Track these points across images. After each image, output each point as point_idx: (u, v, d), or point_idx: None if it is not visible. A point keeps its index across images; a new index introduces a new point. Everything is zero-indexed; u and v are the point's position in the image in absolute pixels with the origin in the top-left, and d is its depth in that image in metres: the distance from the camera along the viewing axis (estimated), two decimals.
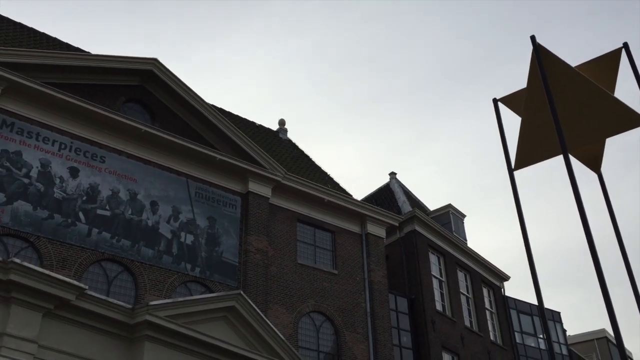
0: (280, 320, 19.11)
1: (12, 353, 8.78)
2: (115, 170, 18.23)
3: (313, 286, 20.73)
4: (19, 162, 16.57)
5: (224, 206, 20.07)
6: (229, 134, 20.56)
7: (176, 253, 18.31)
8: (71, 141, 17.73)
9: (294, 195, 21.76)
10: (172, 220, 18.72)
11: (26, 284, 9.06)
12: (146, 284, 17.24)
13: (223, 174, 20.37)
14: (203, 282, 18.41)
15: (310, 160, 26.09)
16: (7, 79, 16.68)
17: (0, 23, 20.28)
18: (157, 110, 20.15)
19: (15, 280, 8.96)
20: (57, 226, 16.46)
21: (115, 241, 17.30)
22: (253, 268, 19.31)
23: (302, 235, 21.67)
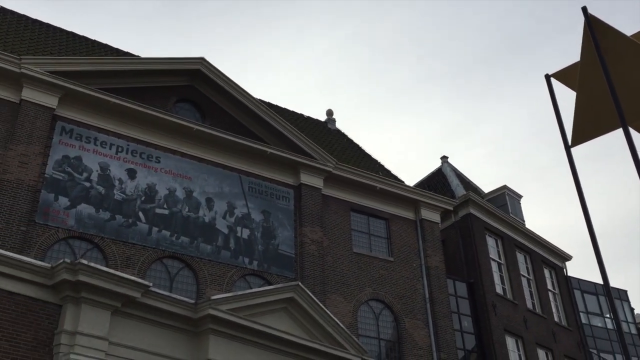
0: (339, 309, 19.23)
1: (85, 351, 9.17)
2: (170, 170, 18.68)
3: (370, 274, 20.76)
4: (79, 166, 17.19)
5: (277, 199, 20.29)
6: (278, 127, 20.73)
7: (234, 248, 18.66)
8: (127, 144, 18.27)
9: (346, 184, 21.78)
10: (228, 216, 19.07)
11: (94, 283, 9.42)
12: (206, 279, 17.65)
13: (275, 167, 20.58)
14: (261, 274, 18.71)
15: (360, 149, 26.04)
16: (64, 87, 17.31)
17: (54, 34, 21.02)
18: (207, 108, 20.51)
19: (84, 280, 9.33)
20: (119, 227, 17.02)
21: (174, 239, 17.76)
22: (309, 259, 19.48)
23: (356, 224, 21.70)
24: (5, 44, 18.18)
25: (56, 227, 16.08)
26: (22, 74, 16.78)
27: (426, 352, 20.34)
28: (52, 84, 17.13)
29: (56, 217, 16.20)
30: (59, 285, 9.38)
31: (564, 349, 25.60)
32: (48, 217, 16.09)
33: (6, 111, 16.70)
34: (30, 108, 16.83)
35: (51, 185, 16.47)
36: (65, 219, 16.30)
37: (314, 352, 12.01)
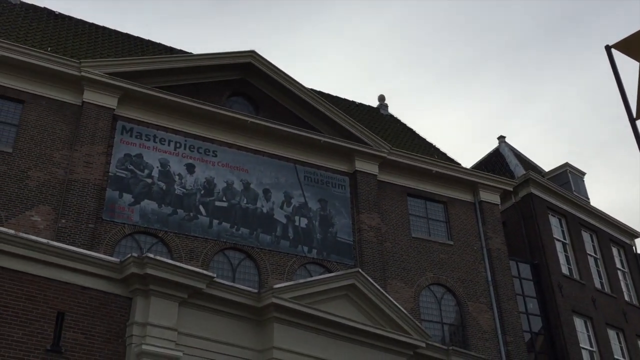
0: (400, 295, 19.20)
1: (156, 341, 9.50)
2: (227, 163, 19.03)
3: (430, 259, 20.60)
4: (141, 164, 17.74)
5: (333, 187, 20.37)
6: (331, 116, 20.76)
7: (292, 237, 18.87)
8: (185, 139, 18.71)
9: (402, 169, 21.64)
10: (285, 206, 19.29)
11: (162, 276, 9.73)
12: (267, 268, 17.95)
13: (329, 155, 20.65)
14: (321, 262, 18.87)
15: (414, 133, 25.78)
16: (123, 88, 17.86)
17: (110, 36, 21.68)
18: (259, 100, 20.74)
19: (152, 273, 9.65)
20: (181, 220, 17.50)
21: (235, 230, 18.12)
22: (368, 245, 19.49)
23: (414, 208, 21.54)
24: (65, 49, 18.87)
25: (122, 223, 16.68)
26: (83, 77, 17.40)
27: (491, 336, 20.07)
28: (111, 85, 17.70)
29: (122, 214, 16.79)
30: (128, 278, 9.73)
31: (636, 328, 24.73)
32: (114, 213, 16.70)
33: (70, 114, 17.37)
34: (91, 110, 17.45)
35: (115, 183, 17.07)
36: (130, 215, 16.87)
37: (377, 337, 12.05)
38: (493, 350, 19.78)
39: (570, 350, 21.35)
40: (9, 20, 19.16)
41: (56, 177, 16.37)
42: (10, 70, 16.93)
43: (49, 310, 8.99)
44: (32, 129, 16.73)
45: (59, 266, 9.26)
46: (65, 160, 16.67)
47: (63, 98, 17.46)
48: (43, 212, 15.80)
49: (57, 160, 16.63)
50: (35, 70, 17.13)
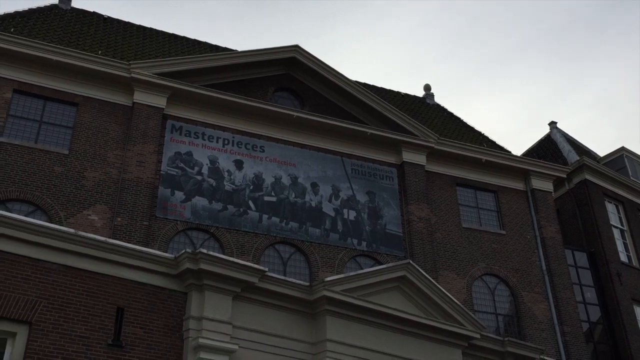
0: (452, 286, 18.99)
1: (212, 335, 9.67)
2: (275, 158, 19.19)
3: (482, 249, 20.29)
4: (190, 161, 18.08)
5: (380, 179, 20.29)
6: (377, 107, 20.66)
7: (341, 230, 18.90)
8: (232, 136, 18.95)
9: (450, 159, 21.36)
10: (334, 199, 19.32)
11: (215, 271, 9.89)
12: (318, 261, 18.04)
13: (376, 147, 20.56)
14: (371, 255, 18.85)
15: (461, 122, 25.38)
16: (171, 87, 18.21)
17: (157, 37, 22.12)
18: (304, 94, 20.81)
19: (205, 268, 9.81)
20: (232, 216, 17.76)
21: (284, 224, 18.28)
22: (418, 237, 19.35)
23: (464, 198, 21.25)
24: (115, 51, 19.37)
25: (175, 220, 17.04)
26: (133, 78, 17.82)
27: (547, 326, 19.64)
28: (160, 85, 18.07)
29: (174, 211, 17.16)
30: (183, 274, 9.93)
31: None
32: (167, 211, 17.08)
33: (121, 115, 17.84)
34: (142, 110, 17.87)
35: (167, 181, 17.45)
36: (182, 212, 17.23)
37: (430, 329, 11.94)
38: (550, 340, 19.36)
39: (631, 339, 20.69)
40: (60, 26, 19.78)
41: (111, 177, 16.85)
42: (64, 74, 17.48)
43: (109, 306, 9.27)
44: (87, 130, 17.25)
45: (117, 263, 9.53)
46: (118, 160, 17.14)
47: (115, 99, 17.93)
48: (99, 211, 16.30)
49: (111, 160, 17.11)
50: (88, 74, 17.64)
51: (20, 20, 18.89)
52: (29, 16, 19.48)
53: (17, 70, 17.05)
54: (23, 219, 8.78)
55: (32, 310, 8.51)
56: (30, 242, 8.78)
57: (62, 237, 9.00)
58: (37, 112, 17.08)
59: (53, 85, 17.33)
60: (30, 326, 8.44)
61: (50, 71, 17.33)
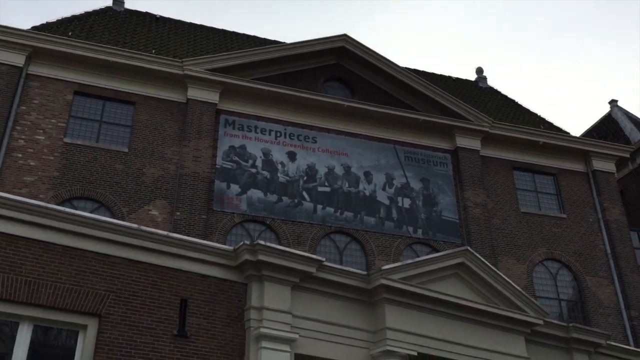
0: (512, 272, 18.65)
1: (273, 324, 9.83)
2: (327, 148, 19.25)
3: (542, 233, 19.82)
4: (244, 155, 18.35)
5: (434, 166, 20.06)
6: (428, 93, 20.41)
7: (396, 218, 18.82)
8: (284, 128, 19.11)
9: (506, 143, 20.91)
10: (387, 187, 19.24)
11: (273, 262, 10.02)
12: (373, 250, 18.04)
13: (429, 134, 20.33)
14: (427, 242, 18.71)
15: (516, 104, 24.78)
16: (223, 83, 18.51)
17: (207, 33, 22.48)
18: (355, 83, 20.75)
19: (264, 260, 9.96)
20: (287, 207, 17.95)
21: (339, 214, 18.34)
22: (475, 223, 19.07)
23: (521, 182, 20.78)
24: (168, 49, 19.80)
25: (231, 212, 17.36)
26: (186, 75, 18.20)
27: (614, 311, 19.04)
28: (213, 81, 18.39)
29: (230, 204, 17.48)
30: (242, 265, 10.11)
31: None
32: (223, 204, 17.41)
33: (177, 112, 18.25)
34: (196, 106, 18.23)
35: (222, 175, 17.78)
36: (238, 205, 17.53)
37: (491, 316, 11.77)
38: (617, 326, 18.77)
39: None
40: (115, 27, 20.36)
41: (169, 173, 17.30)
42: (121, 75, 18.01)
43: (173, 298, 9.53)
44: (144, 128, 17.74)
45: (179, 256, 9.78)
46: (175, 156, 17.57)
47: (169, 97, 18.36)
48: (159, 206, 16.76)
49: (169, 156, 17.55)
50: (143, 73, 18.12)
51: (77, 24, 19.54)
52: (85, 19, 20.13)
53: (76, 73, 17.67)
54: (89, 215, 9.13)
55: (101, 303, 8.85)
56: (96, 237, 9.12)
57: (126, 232, 9.31)
58: (97, 112, 17.68)
59: (111, 86, 17.89)
60: (100, 318, 8.78)
61: (108, 72, 17.89)
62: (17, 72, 16.99)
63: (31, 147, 16.39)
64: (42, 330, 8.45)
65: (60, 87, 17.43)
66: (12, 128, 16.36)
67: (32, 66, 17.36)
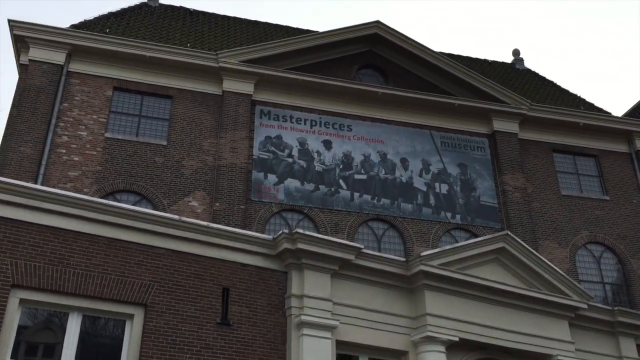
0: (554, 256, 18.37)
1: (314, 312, 9.94)
2: (362, 136, 19.22)
3: (584, 216, 19.44)
4: (281, 144, 18.48)
5: (472, 150, 19.84)
6: (464, 77, 20.15)
7: (434, 204, 18.71)
8: (319, 117, 19.16)
9: (545, 125, 20.53)
10: (424, 173, 19.13)
11: (313, 250, 10.11)
12: (412, 236, 17.99)
13: (465, 118, 20.10)
14: (465, 228, 18.56)
15: (555, 86, 24.25)
16: (258, 74, 18.63)
17: (240, 25, 22.62)
18: (388, 70, 20.63)
19: (303, 248, 10.05)
20: (324, 196, 18.03)
21: (376, 201, 18.34)
22: (514, 207, 18.82)
23: (561, 165, 20.40)
24: (202, 42, 20.02)
25: (269, 202, 17.54)
26: (221, 68, 18.39)
27: None
28: (247, 72, 18.53)
29: (268, 194, 17.65)
30: (281, 254, 10.23)
31: None
32: (261, 194, 17.60)
33: (213, 104, 18.48)
34: (231, 97, 18.42)
35: (259, 165, 17.95)
36: (275, 194, 17.69)
37: (534, 300, 11.64)
38: None
39: None
40: (151, 23, 20.67)
41: (207, 164, 17.55)
42: (158, 69, 18.31)
43: (215, 287, 9.72)
44: (182, 121, 18.02)
45: (219, 246, 9.95)
46: (213, 147, 17.81)
47: (205, 89, 18.58)
48: (199, 197, 17.04)
49: (206, 148, 17.80)
50: (179, 66, 18.38)
51: (114, 21, 19.91)
52: (121, 16, 20.49)
53: (115, 69, 18.04)
54: (133, 208, 9.36)
55: (146, 293, 9.09)
56: (140, 229, 9.35)
57: (168, 224, 9.52)
58: (136, 106, 18.02)
59: (148, 80, 18.20)
60: (146, 308, 9.02)
61: (145, 67, 18.20)
62: (59, 70, 17.43)
63: (74, 143, 16.83)
64: (90, 320, 8.74)
65: (99, 83, 17.82)
66: (55, 125, 16.83)
67: (72, 64, 17.78)
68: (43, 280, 8.40)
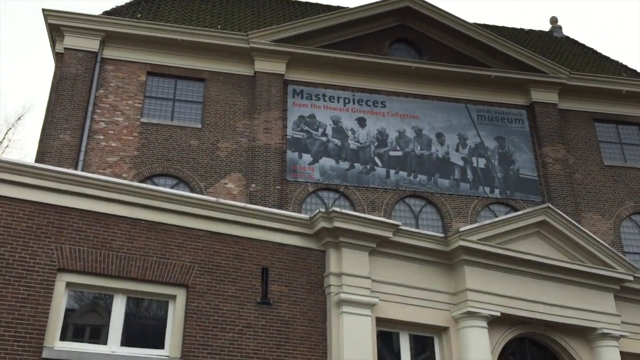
0: (597, 228, 17.96)
1: (353, 289, 9.95)
2: (397, 112, 19.00)
3: (628, 187, 18.90)
4: (314, 124, 18.41)
5: (509, 123, 19.44)
6: (500, 48, 19.67)
7: (472, 179, 18.44)
8: (353, 94, 18.99)
9: (585, 94, 19.94)
10: (461, 148, 18.84)
11: (350, 228, 10.08)
12: (449, 212, 17.80)
13: (502, 90, 19.66)
14: (505, 202, 18.27)
15: (595, 53, 23.49)
16: (289, 53, 18.54)
17: (270, 4, 22.47)
18: (422, 44, 20.27)
19: (340, 226, 10.03)
20: (359, 174, 17.94)
21: (412, 178, 18.17)
22: (555, 179, 18.41)
23: (603, 134, 19.83)
24: (233, 23, 19.99)
25: (305, 182, 17.55)
26: (252, 48, 18.34)
27: None
28: (278, 52, 18.45)
29: (303, 173, 17.65)
30: (319, 233, 10.23)
31: None
32: (296, 174, 17.61)
33: (245, 85, 18.49)
34: (263, 78, 18.39)
35: (294, 145, 17.94)
36: (311, 174, 17.68)
37: (577, 273, 11.42)
38: None
39: None
40: (181, 6, 20.71)
41: (242, 146, 17.63)
42: (190, 52, 18.38)
43: (254, 267, 9.80)
44: (215, 103, 18.10)
45: (257, 226, 10.00)
46: (247, 129, 17.86)
47: (237, 71, 18.59)
48: (235, 179, 17.16)
49: (240, 129, 17.87)
50: (211, 49, 18.41)
51: (145, 6, 20.02)
52: (152, 0, 20.58)
53: (148, 54, 18.18)
54: (171, 191, 9.46)
55: (187, 274, 9.22)
56: (179, 212, 9.46)
57: (206, 206, 9.60)
58: (170, 90, 18.17)
59: (181, 64, 18.30)
60: (187, 289, 9.16)
61: (177, 50, 18.29)
62: (93, 57, 17.66)
63: (111, 129, 17.10)
64: (134, 302, 8.92)
65: (133, 68, 17.99)
66: (92, 112, 17.10)
67: (106, 50, 17.99)
68: (87, 264, 8.60)
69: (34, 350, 7.87)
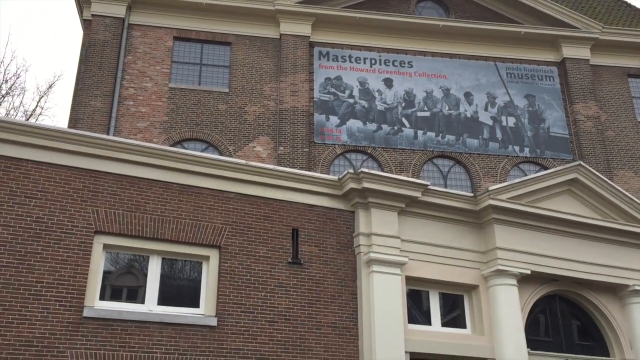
0: (630, 185, 17.69)
1: (382, 249, 10.06)
2: (424, 72, 18.77)
3: None
4: (341, 85, 18.31)
5: (539, 80, 19.06)
6: (529, 3, 19.17)
7: (501, 138, 18.24)
8: (379, 55, 18.78)
9: (618, 49, 19.40)
10: (490, 107, 18.59)
11: (379, 188, 10.14)
12: (478, 172, 17.69)
13: (532, 47, 19.23)
14: (535, 161, 18.06)
15: (629, 6, 22.70)
16: (314, 14, 18.34)
17: None
18: (448, 1, 19.86)
19: (369, 187, 10.09)
20: (387, 135, 17.88)
21: (440, 138, 18.04)
22: (586, 137, 18.10)
23: (637, 90, 19.34)
24: None
25: (332, 144, 17.57)
26: (277, 10, 18.20)
27: None
28: (303, 13, 18.28)
29: (331, 135, 17.66)
30: (348, 194, 10.32)
31: None
32: (324, 136, 17.63)
33: (271, 48, 18.42)
34: (289, 40, 18.28)
35: (321, 107, 17.91)
36: (338, 136, 17.68)
37: (609, 231, 11.33)
38: None
39: None
40: None
41: (269, 109, 17.67)
42: (215, 16, 18.33)
43: (285, 228, 9.96)
44: (242, 67, 18.10)
45: (287, 188, 10.13)
46: (274, 92, 17.87)
47: (263, 34, 18.51)
48: (263, 142, 17.27)
49: (267, 93, 17.88)
50: (236, 12, 18.32)
51: None
52: None
53: (173, 19, 18.18)
54: (202, 154, 9.60)
55: (220, 235, 9.42)
56: (210, 175, 9.61)
57: (236, 169, 9.73)
58: (197, 55, 18.20)
59: (207, 28, 18.28)
60: (220, 250, 9.37)
61: (203, 14, 18.25)
62: (120, 24, 17.74)
63: (141, 95, 17.27)
64: (169, 263, 9.17)
65: (160, 34, 18.04)
66: (122, 78, 17.27)
67: (132, 16, 18.04)
68: (123, 226, 8.84)
69: (75, 309, 8.19)
